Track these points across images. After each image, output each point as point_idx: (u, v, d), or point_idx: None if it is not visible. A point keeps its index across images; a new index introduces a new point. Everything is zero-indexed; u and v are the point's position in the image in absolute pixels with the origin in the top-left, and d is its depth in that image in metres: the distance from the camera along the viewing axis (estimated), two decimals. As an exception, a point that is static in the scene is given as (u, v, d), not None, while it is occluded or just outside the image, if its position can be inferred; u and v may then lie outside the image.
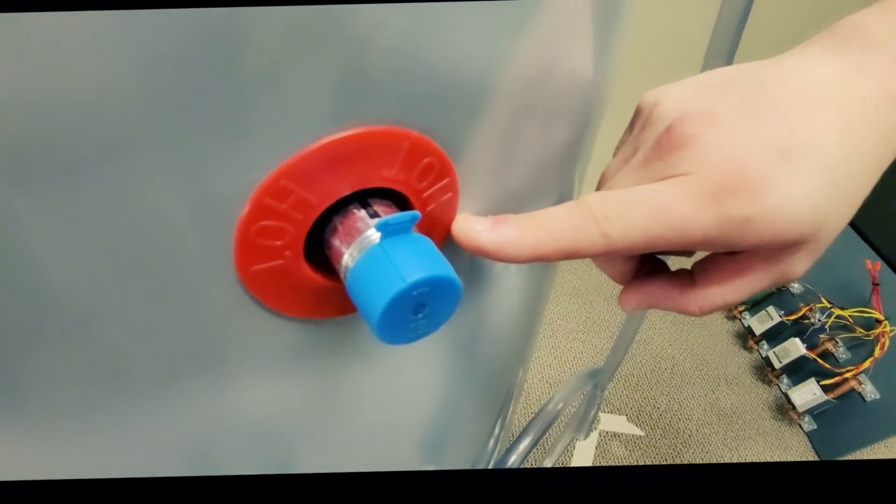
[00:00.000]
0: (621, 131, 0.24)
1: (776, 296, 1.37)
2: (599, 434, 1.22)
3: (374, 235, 0.17)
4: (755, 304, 1.43)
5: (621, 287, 0.25)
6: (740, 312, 1.46)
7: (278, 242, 0.17)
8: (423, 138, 0.18)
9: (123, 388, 0.18)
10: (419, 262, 0.16)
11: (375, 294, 0.16)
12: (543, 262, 0.20)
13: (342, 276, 0.18)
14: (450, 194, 0.20)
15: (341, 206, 0.18)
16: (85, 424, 0.19)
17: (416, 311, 0.16)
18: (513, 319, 0.34)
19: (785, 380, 1.31)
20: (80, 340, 0.16)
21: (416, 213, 0.17)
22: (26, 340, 0.15)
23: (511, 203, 0.24)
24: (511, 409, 0.48)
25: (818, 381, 1.20)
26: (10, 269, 0.14)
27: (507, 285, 0.30)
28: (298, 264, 0.18)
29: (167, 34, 0.12)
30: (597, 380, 0.80)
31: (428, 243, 0.18)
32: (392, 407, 0.31)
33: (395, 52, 0.15)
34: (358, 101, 0.16)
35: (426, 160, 0.18)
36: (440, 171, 0.19)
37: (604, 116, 0.29)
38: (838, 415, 1.21)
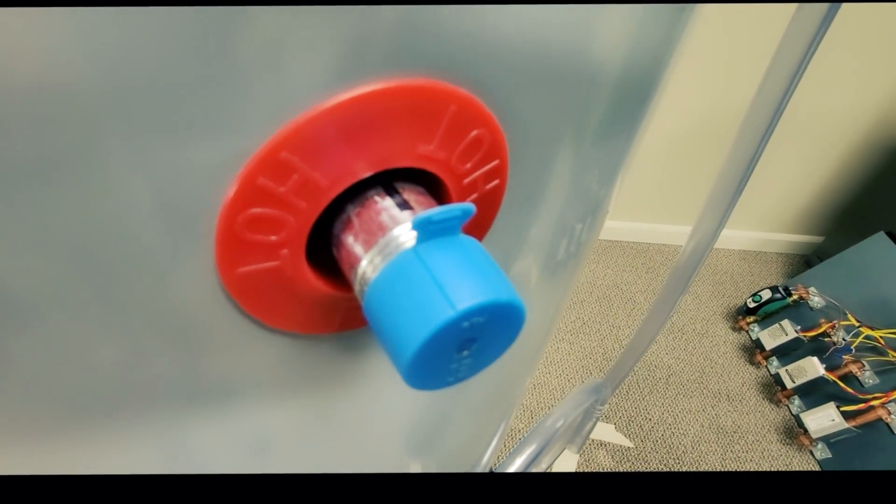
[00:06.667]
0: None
1: (792, 309, 1.36)
2: (584, 441, 1.19)
3: (406, 236, 0.13)
4: (766, 317, 1.41)
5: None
6: (748, 324, 1.44)
7: (273, 238, 0.13)
8: (474, 101, 0.14)
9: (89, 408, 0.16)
10: (473, 279, 0.12)
11: (409, 323, 0.12)
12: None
13: (357, 289, 0.14)
14: (496, 182, 0.16)
15: (356, 193, 0.14)
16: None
17: (461, 349, 0.13)
18: (531, 329, 0.31)
19: (797, 401, 1.29)
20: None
21: (470, 206, 0.13)
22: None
23: (553, 207, 0.21)
24: (510, 419, 0.45)
25: (838, 407, 1.18)
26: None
27: (526, 295, 0.27)
28: (298, 268, 0.15)
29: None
30: (599, 395, 0.78)
31: (480, 251, 0.14)
32: (380, 434, 0.28)
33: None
34: (393, 40, 0.12)
35: (474, 132, 0.14)
36: (490, 148, 0.15)
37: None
38: (859, 445, 1.18)
